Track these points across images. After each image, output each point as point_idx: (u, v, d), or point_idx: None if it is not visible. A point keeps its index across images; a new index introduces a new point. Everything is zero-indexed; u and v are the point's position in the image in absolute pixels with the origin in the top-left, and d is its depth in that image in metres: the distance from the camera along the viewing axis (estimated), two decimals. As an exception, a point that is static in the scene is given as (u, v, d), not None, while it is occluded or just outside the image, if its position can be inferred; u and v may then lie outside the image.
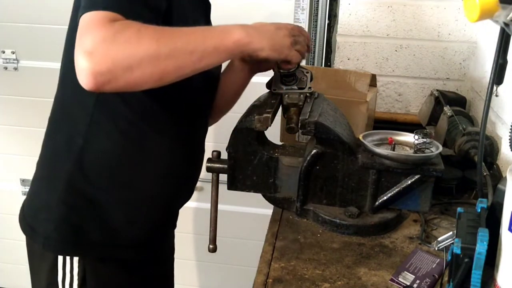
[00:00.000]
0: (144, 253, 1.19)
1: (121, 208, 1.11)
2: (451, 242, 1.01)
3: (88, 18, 0.85)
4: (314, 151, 1.15)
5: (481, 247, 0.81)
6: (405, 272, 1.02)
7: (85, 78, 0.82)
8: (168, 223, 1.28)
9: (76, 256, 1.10)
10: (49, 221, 1.09)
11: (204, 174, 1.25)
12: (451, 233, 1.03)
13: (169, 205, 1.22)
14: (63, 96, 1.11)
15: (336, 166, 1.16)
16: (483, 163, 1.14)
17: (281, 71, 1.14)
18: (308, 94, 1.18)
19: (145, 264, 1.22)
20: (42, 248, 1.11)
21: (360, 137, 1.17)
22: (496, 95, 0.98)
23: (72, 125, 1.08)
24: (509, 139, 1.03)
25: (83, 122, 1.06)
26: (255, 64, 1.24)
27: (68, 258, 1.10)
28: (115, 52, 0.82)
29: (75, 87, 1.00)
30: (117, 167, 1.09)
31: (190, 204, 1.31)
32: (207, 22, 1.23)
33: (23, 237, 1.17)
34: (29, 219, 1.15)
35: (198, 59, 0.90)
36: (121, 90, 0.86)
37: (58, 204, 1.09)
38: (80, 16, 0.86)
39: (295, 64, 1.12)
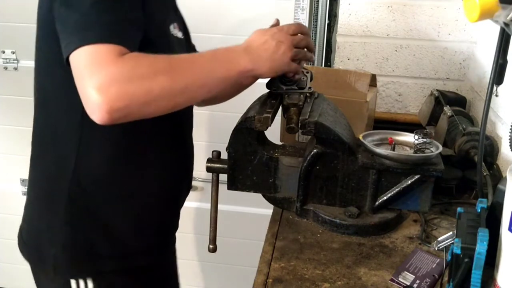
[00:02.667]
0: (153, 258, 1.19)
1: (125, 217, 1.11)
2: (451, 242, 1.01)
3: (92, 53, 0.84)
4: (314, 151, 1.15)
5: (481, 247, 0.81)
6: (405, 272, 1.02)
7: (99, 114, 0.83)
8: (172, 224, 1.28)
9: (89, 276, 1.09)
10: (56, 243, 1.08)
11: (204, 174, 1.25)
12: (451, 233, 1.03)
13: (171, 206, 1.23)
14: (46, 118, 1.08)
15: (336, 166, 1.16)
16: (483, 163, 1.14)
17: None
18: (308, 94, 1.18)
19: (155, 269, 1.23)
20: (52, 273, 1.09)
21: (360, 137, 1.17)
22: (496, 95, 0.98)
23: (61, 145, 1.06)
24: (509, 139, 1.03)
25: (72, 141, 1.04)
26: None
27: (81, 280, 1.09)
28: (132, 90, 0.83)
29: (59, 109, 1.02)
30: (114, 178, 1.08)
31: (190, 204, 1.31)
32: (176, 13, 1.22)
33: (22, 237, 1.17)
34: (32, 244, 1.13)
35: (207, 91, 0.96)
36: (132, 120, 0.88)
37: (62, 225, 1.07)
38: (74, 49, 0.85)
39: (296, 74, 1.12)
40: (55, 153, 1.07)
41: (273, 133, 1.31)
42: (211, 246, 1.26)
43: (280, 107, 1.19)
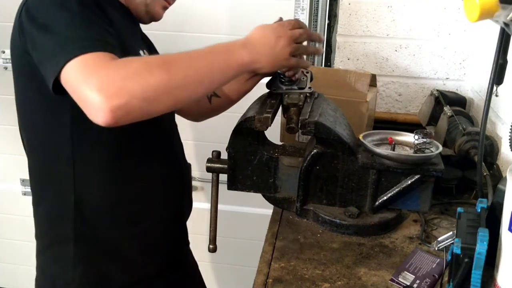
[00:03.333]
0: (167, 278, 1.20)
1: (133, 240, 1.11)
2: (451, 242, 1.01)
3: (82, 62, 0.84)
4: (314, 151, 1.15)
5: (481, 247, 0.81)
6: (405, 272, 1.02)
7: (102, 114, 0.82)
8: (182, 240, 1.30)
9: None
10: (72, 283, 1.08)
11: (204, 174, 1.25)
12: (451, 233, 1.03)
13: (176, 224, 1.25)
14: (39, 164, 1.09)
15: (336, 166, 1.16)
16: (483, 163, 1.14)
17: (281, 74, 1.15)
18: (308, 94, 1.18)
19: (174, 283, 1.24)
20: None
21: (360, 137, 1.17)
22: (496, 95, 0.98)
23: (58, 185, 1.06)
24: (509, 139, 1.03)
25: (68, 177, 1.03)
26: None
27: None
28: (130, 86, 0.82)
29: (47, 151, 1.04)
30: (115, 203, 1.08)
31: (190, 204, 1.31)
32: (144, 40, 1.22)
33: (23, 237, 1.18)
34: None
35: (208, 85, 0.94)
36: (136, 121, 0.86)
37: (75, 265, 1.07)
38: (63, 66, 0.84)
39: (295, 70, 1.12)
40: (54, 195, 1.07)
41: (273, 133, 1.31)
42: (211, 246, 1.26)
43: (280, 107, 1.18)
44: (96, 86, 0.81)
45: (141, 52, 1.09)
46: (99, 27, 0.91)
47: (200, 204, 2.18)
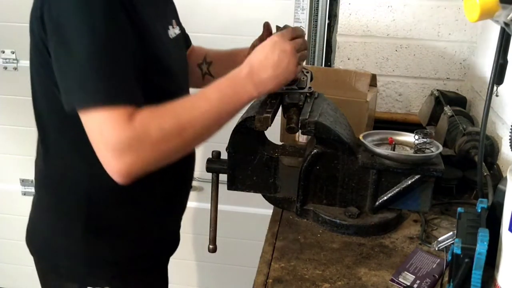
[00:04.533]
0: (165, 257, 1.24)
1: (136, 219, 1.13)
2: (451, 242, 1.01)
3: (101, 118, 0.86)
4: (314, 151, 1.15)
5: (481, 247, 0.81)
6: (405, 272, 1.02)
7: (118, 178, 0.88)
8: (178, 221, 1.30)
9: (106, 282, 1.12)
10: (74, 256, 1.10)
11: (204, 174, 1.25)
12: (451, 233, 1.03)
13: (177, 206, 1.25)
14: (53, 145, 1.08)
15: (336, 166, 1.16)
16: (483, 163, 1.14)
17: None
18: (308, 94, 1.18)
19: (162, 267, 1.26)
20: (66, 281, 1.12)
21: (360, 137, 1.17)
22: (497, 95, 0.98)
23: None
24: (510, 139, 1.03)
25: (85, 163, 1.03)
26: None
27: None
28: (147, 155, 0.88)
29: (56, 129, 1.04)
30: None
31: (190, 204, 1.31)
32: (178, 22, 1.22)
33: (23, 237, 1.17)
34: (45, 254, 1.15)
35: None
36: None
37: (80, 239, 1.09)
38: (81, 108, 0.87)
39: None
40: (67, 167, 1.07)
41: (273, 133, 1.31)
42: (211, 246, 1.26)
43: (280, 107, 1.18)
44: (112, 147, 0.85)
45: (170, 28, 1.09)
46: (123, 60, 0.90)
47: (200, 204, 2.19)
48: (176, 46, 1.13)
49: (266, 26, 1.20)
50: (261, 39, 1.18)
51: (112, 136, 0.85)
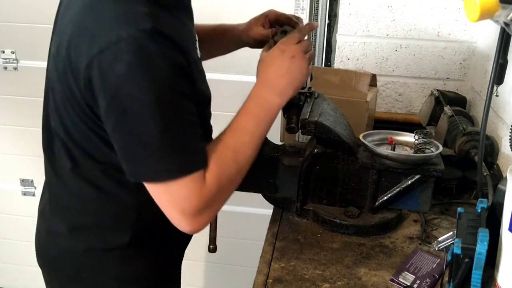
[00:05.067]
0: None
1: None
2: (451, 242, 1.01)
3: (173, 190, 0.84)
4: (314, 151, 1.15)
5: (481, 247, 0.81)
6: (405, 272, 1.02)
7: (190, 232, 0.90)
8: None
9: None
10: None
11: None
12: (451, 233, 1.03)
13: None
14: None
15: (336, 166, 1.16)
16: (483, 163, 1.14)
17: None
18: (308, 94, 1.18)
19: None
20: None
21: (360, 137, 1.17)
22: (497, 95, 0.98)
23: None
24: (510, 139, 1.03)
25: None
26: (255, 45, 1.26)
27: None
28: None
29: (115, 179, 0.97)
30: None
31: (190, 204, 1.31)
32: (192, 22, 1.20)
33: (23, 237, 1.17)
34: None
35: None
36: None
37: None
38: (149, 181, 0.85)
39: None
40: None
41: (273, 133, 1.31)
42: (211, 246, 1.26)
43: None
44: (188, 213, 0.86)
45: (197, 47, 1.05)
46: (191, 126, 0.86)
47: (200, 204, 2.18)
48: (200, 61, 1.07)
49: (272, 33, 1.19)
50: (270, 46, 1.15)
51: (189, 204, 0.85)
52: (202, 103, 0.98)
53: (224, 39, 1.28)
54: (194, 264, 2.42)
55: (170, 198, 0.86)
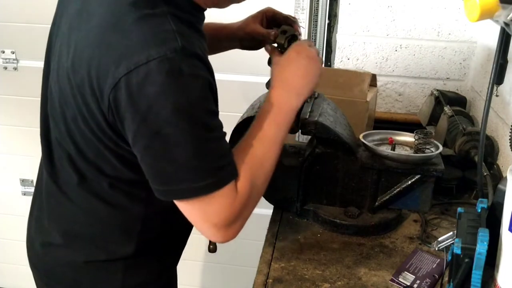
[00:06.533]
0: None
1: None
2: (451, 242, 1.01)
3: (206, 204, 0.84)
4: (314, 151, 1.15)
5: (481, 247, 0.81)
6: (405, 272, 1.02)
7: (221, 241, 0.89)
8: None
9: None
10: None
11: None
12: (451, 233, 1.03)
13: None
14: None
15: (336, 166, 1.16)
16: (483, 163, 1.14)
17: None
18: (308, 94, 1.17)
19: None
20: None
21: (360, 137, 1.17)
22: (497, 95, 0.98)
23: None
24: (509, 139, 1.03)
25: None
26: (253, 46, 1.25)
27: None
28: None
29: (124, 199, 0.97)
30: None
31: (190, 204, 1.30)
32: None
33: (23, 237, 1.17)
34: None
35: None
36: None
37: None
38: (181, 199, 0.84)
39: None
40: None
41: (273, 133, 1.31)
42: (211, 246, 1.26)
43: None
44: (220, 225, 0.85)
45: None
46: (221, 140, 0.86)
47: (200, 204, 2.18)
48: None
49: (275, 36, 1.19)
50: (273, 48, 1.13)
51: (222, 216, 0.85)
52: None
53: (217, 37, 1.26)
54: (194, 264, 2.42)
55: (203, 213, 0.85)
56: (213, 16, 1.22)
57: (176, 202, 0.86)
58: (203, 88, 0.80)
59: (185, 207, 0.86)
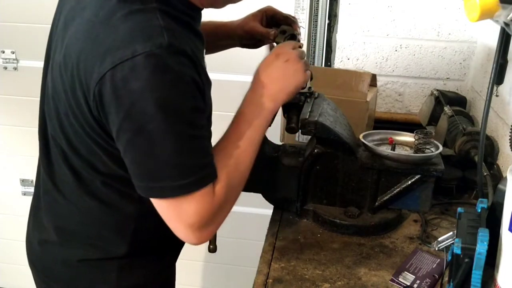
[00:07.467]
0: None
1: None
2: (451, 242, 1.01)
3: (183, 204, 0.83)
4: (314, 151, 1.15)
5: (481, 247, 0.81)
6: (405, 272, 1.02)
7: (195, 243, 0.89)
8: None
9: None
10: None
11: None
12: (451, 233, 1.03)
13: None
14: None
15: (336, 166, 1.16)
16: (483, 163, 1.14)
17: None
18: (308, 94, 1.17)
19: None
20: None
21: (360, 137, 1.17)
22: (497, 95, 0.98)
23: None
24: (509, 139, 1.03)
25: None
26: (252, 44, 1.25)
27: None
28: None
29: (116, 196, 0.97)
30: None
31: (190, 204, 1.30)
32: None
33: (23, 237, 1.17)
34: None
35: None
36: None
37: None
38: (159, 197, 0.84)
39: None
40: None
41: (273, 133, 1.31)
42: (211, 246, 1.26)
43: (280, 107, 1.18)
44: (196, 226, 0.85)
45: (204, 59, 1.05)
46: (204, 141, 0.86)
47: (200, 204, 2.18)
48: None
49: (274, 35, 1.18)
50: (271, 48, 1.15)
51: (197, 218, 0.84)
52: (210, 112, 0.97)
53: (216, 35, 1.25)
54: (194, 264, 2.42)
55: (179, 213, 0.85)
56: (213, 16, 1.22)
57: (153, 200, 0.85)
58: (188, 86, 0.80)
59: (161, 205, 0.85)
